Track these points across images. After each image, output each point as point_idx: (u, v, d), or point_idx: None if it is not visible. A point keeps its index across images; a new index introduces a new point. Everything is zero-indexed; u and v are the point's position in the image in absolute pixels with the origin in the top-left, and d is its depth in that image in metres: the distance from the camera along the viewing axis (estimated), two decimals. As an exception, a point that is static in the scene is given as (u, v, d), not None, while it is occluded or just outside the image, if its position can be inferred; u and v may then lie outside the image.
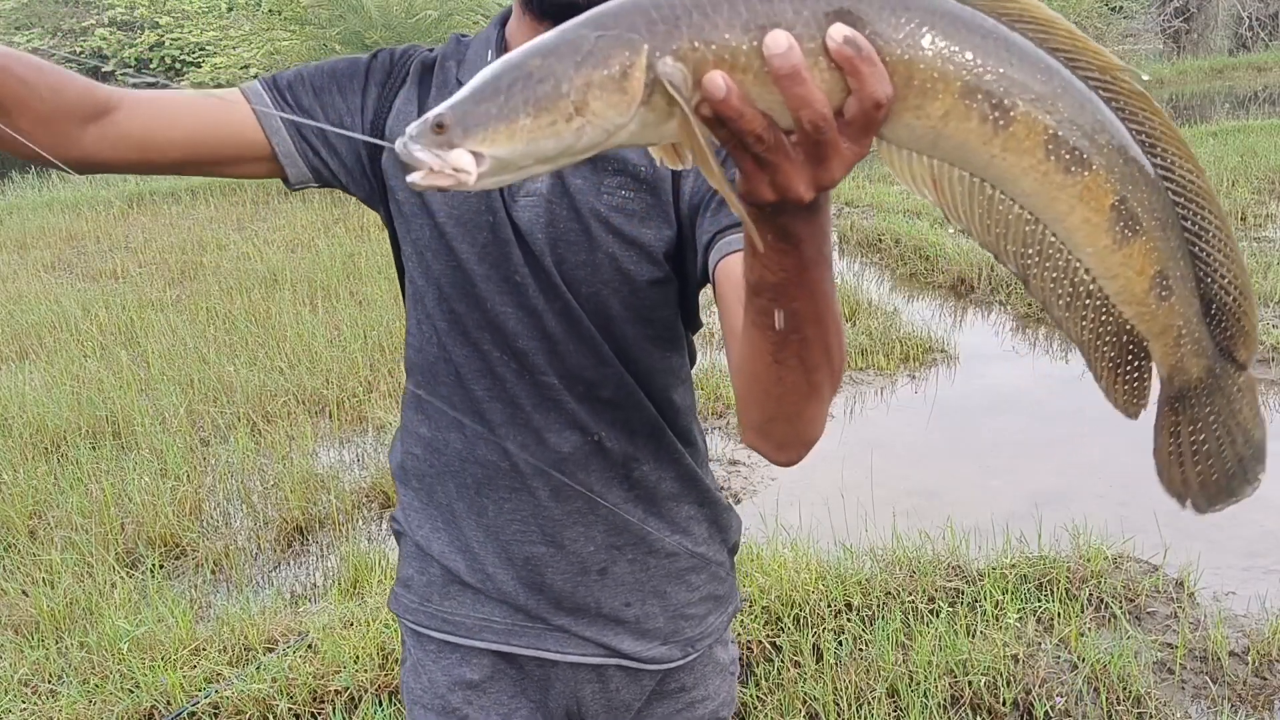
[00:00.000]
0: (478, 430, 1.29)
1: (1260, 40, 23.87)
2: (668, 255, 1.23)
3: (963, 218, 0.73)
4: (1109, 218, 0.73)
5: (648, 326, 1.26)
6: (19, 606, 3.46)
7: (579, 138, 0.67)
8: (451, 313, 1.27)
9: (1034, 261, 0.74)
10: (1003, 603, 3.14)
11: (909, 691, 2.78)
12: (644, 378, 1.29)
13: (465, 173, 0.67)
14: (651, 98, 0.66)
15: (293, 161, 1.25)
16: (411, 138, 0.68)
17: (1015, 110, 0.69)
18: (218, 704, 2.87)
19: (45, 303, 7.53)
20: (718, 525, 1.41)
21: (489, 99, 0.67)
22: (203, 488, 4.44)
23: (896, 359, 5.67)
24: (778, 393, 0.92)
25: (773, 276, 0.78)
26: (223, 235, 9.80)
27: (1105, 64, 0.72)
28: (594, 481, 1.30)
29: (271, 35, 16.55)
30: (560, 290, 1.22)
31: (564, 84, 0.66)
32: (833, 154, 0.68)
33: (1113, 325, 0.77)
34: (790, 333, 0.84)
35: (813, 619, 3.10)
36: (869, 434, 4.85)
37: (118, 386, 5.52)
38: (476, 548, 1.33)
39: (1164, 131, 0.74)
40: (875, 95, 0.65)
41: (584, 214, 1.20)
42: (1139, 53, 23.48)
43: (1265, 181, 9.21)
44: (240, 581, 3.76)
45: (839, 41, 0.65)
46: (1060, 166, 0.70)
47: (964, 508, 3.95)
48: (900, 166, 0.72)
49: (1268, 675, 2.88)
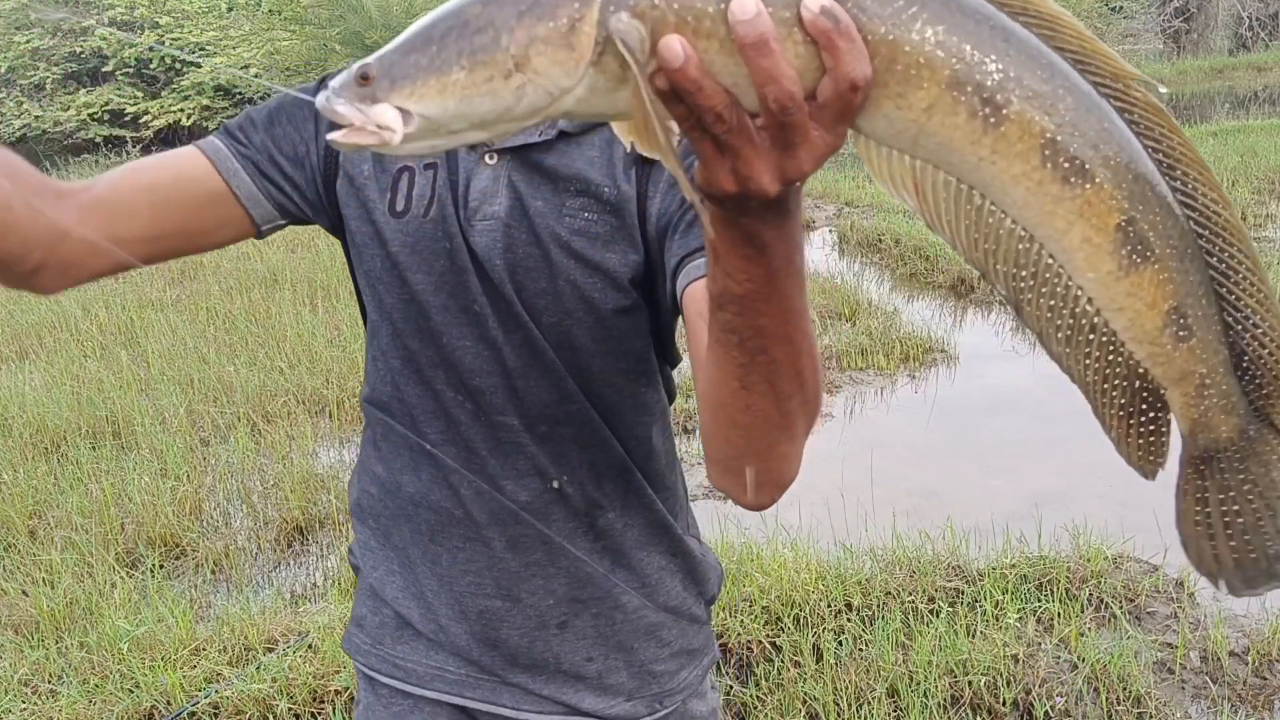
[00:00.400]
0: (431, 475, 1.22)
1: (1260, 40, 23.88)
2: (635, 281, 1.14)
3: (947, 229, 0.65)
4: (1113, 239, 0.64)
5: (617, 359, 1.18)
6: (19, 606, 3.46)
7: (519, 99, 0.60)
8: (405, 350, 1.20)
9: (1027, 285, 0.65)
10: (1003, 603, 3.14)
11: (909, 691, 2.78)
12: (612, 415, 1.21)
13: (390, 131, 0.60)
14: (602, 58, 0.59)
15: (256, 202, 1.17)
16: (334, 90, 0.61)
17: (1009, 108, 0.61)
18: (218, 704, 2.87)
19: (45, 303, 7.52)
20: (693, 578, 1.32)
21: (420, 49, 0.60)
22: (203, 488, 4.44)
23: (896, 359, 5.67)
24: (745, 422, 0.83)
25: (738, 287, 0.71)
26: (223, 235, 9.79)
27: (1118, 70, 0.64)
28: (555, 532, 1.21)
29: (271, 35, 16.57)
30: (521, 320, 1.14)
31: (504, 36, 0.58)
32: (801, 141, 0.60)
33: (1122, 366, 0.68)
34: (758, 353, 0.76)
35: (813, 619, 3.10)
36: (869, 434, 4.85)
37: (118, 386, 5.52)
38: (430, 596, 1.26)
39: (1184, 153, 0.65)
40: (851, 75, 0.58)
41: (544, 238, 1.13)
42: (1139, 53, 23.49)
43: (1265, 181, 9.21)
44: (240, 581, 3.76)
45: (815, 11, 0.57)
46: (1058, 176, 0.62)
47: (964, 508, 3.95)
48: (878, 164, 0.64)
49: (1268, 675, 2.88)
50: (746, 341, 0.75)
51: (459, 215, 1.14)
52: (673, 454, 1.32)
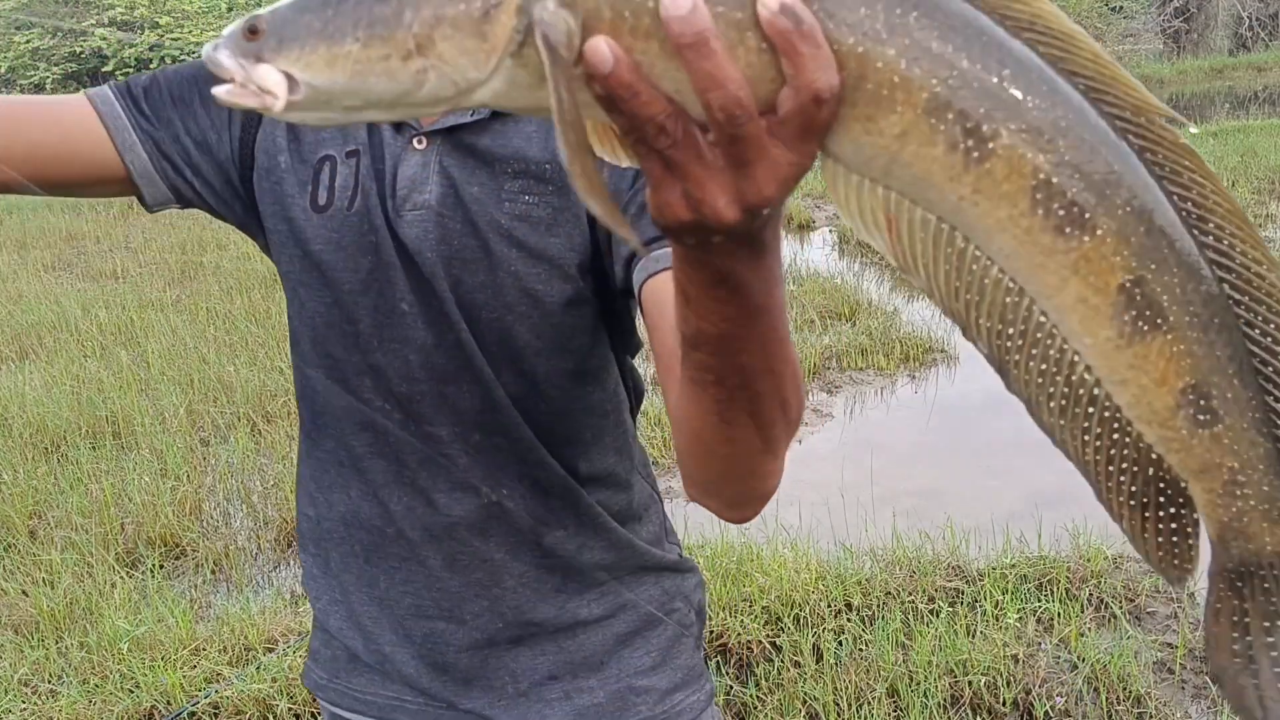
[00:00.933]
0: (361, 492, 1.13)
1: (1260, 40, 23.88)
2: (583, 268, 1.04)
3: (924, 273, 0.55)
4: (1114, 302, 0.54)
5: (563, 358, 1.08)
6: (19, 606, 3.46)
7: (419, 84, 0.53)
8: (328, 357, 1.10)
9: (1015, 345, 0.56)
10: (1003, 603, 3.14)
11: (909, 691, 2.78)
12: (558, 421, 1.10)
13: (271, 95, 0.54)
14: (524, 51, 0.52)
15: (150, 181, 1.08)
16: (221, 40, 0.55)
17: (996, 141, 0.52)
18: (218, 704, 2.87)
19: (45, 303, 7.53)
20: (666, 591, 1.20)
21: (315, 10, 0.54)
22: (203, 488, 4.44)
23: (896, 359, 5.67)
24: (726, 452, 0.77)
25: (712, 328, 0.63)
26: (223, 235, 9.79)
27: (1140, 103, 0.54)
28: (494, 549, 1.11)
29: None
30: (453, 320, 1.04)
31: (408, 11, 0.52)
32: (757, 158, 0.52)
33: (1130, 449, 0.58)
34: (738, 390, 0.69)
35: (813, 619, 3.10)
36: (869, 434, 4.85)
37: (118, 386, 5.52)
38: (369, 625, 1.16)
39: (1218, 202, 0.55)
40: (814, 85, 0.50)
41: (481, 227, 1.03)
42: (1139, 53, 23.49)
43: (1265, 181, 9.21)
44: (240, 581, 3.76)
45: (773, 9, 0.49)
46: (1050, 224, 0.53)
47: (964, 508, 3.94)
48: (845, 194, 0.55)
49: (1268, 675, 2.88)
50: (725, 379, 0.68)
51: (386, 206, 1.05)
52: (634, 459, 1.20)
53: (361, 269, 1.06)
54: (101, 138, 1.05)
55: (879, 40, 0.51)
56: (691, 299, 0.62)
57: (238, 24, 0.55)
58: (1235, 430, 0.57)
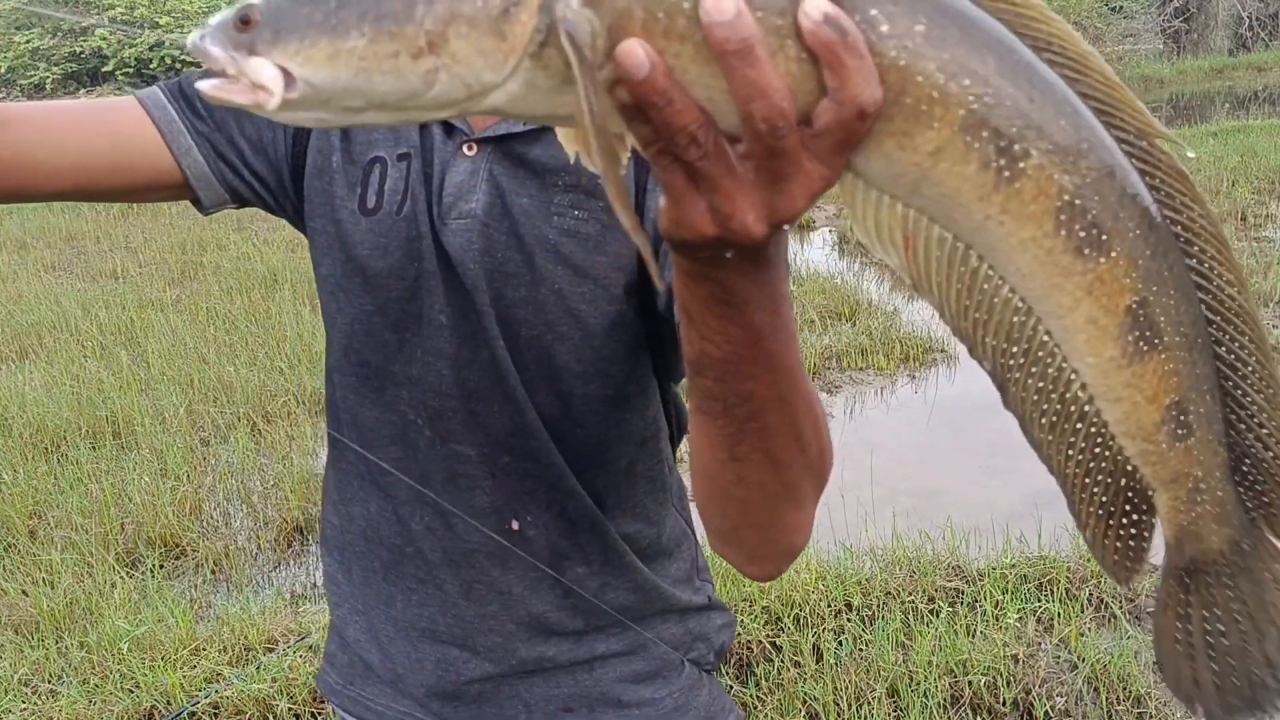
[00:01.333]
0: (381, 508, 1.10)
1: (1260, 40, 23.88)
2: (629, 290, 0.99)
3: (936, 292, 0.55)
4: (1121, 322, 0.56)
5: (603, 382, 1.03)
6: (19, 606, 3.46)
7: (428, 85, 0.49)
8: (363, 365, 1.07)
9: (1017, 364, 0.57)
10: (1003, 603, 3.14)
11: (909, 691, 2.78)
12: (592, 449, 1.05)
13: (265, 92, 0.49)
14: (544, 51, 0.49)
15: (207, 185, 1.05)
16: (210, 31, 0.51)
17: (1027, 161, 0.52)
18: (218, 704, 2.87)
19: (45, 303, 7.52)
20: (690, 631, 1.16)
21: (315, 1, 0.49)
22: (203, 488, 4.44)
23: (896, 359, 5.67)
24: (740, 495, 0.72)
25: (716, 350, 0.61)
26: (223, 235, 9.79)
27: (1144, 126, 0.55)
28: (513, 582, 1.07)
29: (271, 35, 16.55)
30: (490, 336, 1.00)
31: (420, 4, 0.48)
32: (794, 172, 0.50)
33: (1109, 462, 0.60)
34: (747, 420, 0.65)
35: (813, 619, 3.10)
36: (869, 434, 4.85)
37: (118, 386, 5.52)
38: (385, 640, 1.14)
39: (1204, 226, 0.57)
40: (860, 99, 0.48)
41: (527, 241, 0.99)
42: (1139, 53, 23.49)
43: (1265, 181, 9.20)
44: (240, 581, 3.76)
45: (816, 20, 0.47)
46: (1071, 245, 0.54)
47: (964, 508, 3.94)
48: (864, 211, 0.54)
49: (1268, 675, 2.88)
50: (733, 409, 0.65)
51: (432, 213, 1.01)
52: (669, 490, 1.15)
53: (407, 276, 1.03)
54: (156, 143, 1.02)
55: (920, 54, 0.50)
56: (694, 318, 0.60)
57: (228, 12, 0.51)
58: (1203, 442, 0.60)
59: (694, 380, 0.65)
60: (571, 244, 0.99)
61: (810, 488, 0.74)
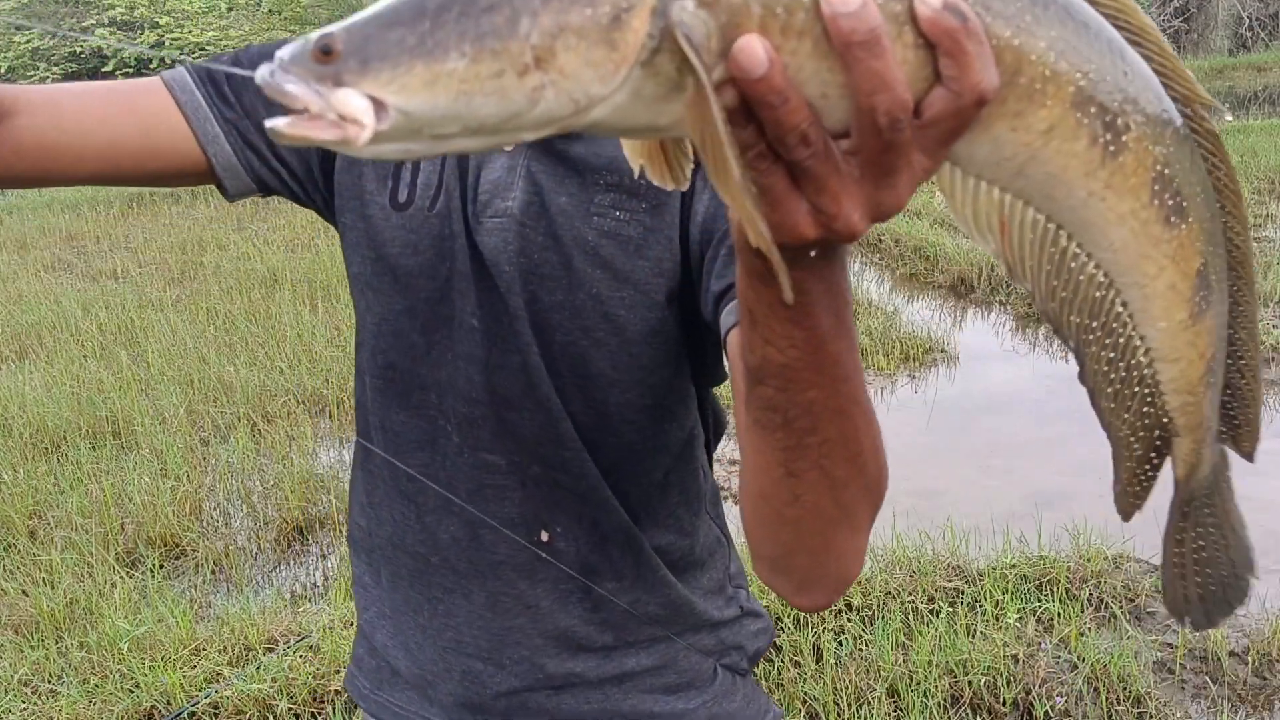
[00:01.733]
0: (405, 515, 1.07)
1: (1260, 40, 23.88)
2: (670, 296, 0.95)
3: (1029, 274, 0.56)
4: (1194, 284, 0.58)
5: (640, 392, 0.99)
6: (19, 606, 3.46)
7: (533, 103, 0.46)
8: (390, 368, 1.04)
9: (1095, 338, 0.58)
10: (1003, 603, 3.14)
11: (909, 691, 2.78)
12: (627, 458, 1.02)
13: (357, 126, 0.46)
14: (655, 58, 0.46)
15: (234, 174, 1.01)
16: (284, 63, 0.47)
17: (1128, 135, 0.52)
18: (218, 704, 2.87)
19: (45, 303, 7.52)
20: (722, 640, 1.13)
21: (406, 23, 0.46)
22: (203, 488, 4.44)
23: (896, 359, 5.67)
24: (794, 516, 0.69)
25: (780, 355, 0.59)
26: (223, 235, 9.80)
27: (1190, 92, 0.57)
28: (541, 595, 1.04)
29: (271, 35, 16.58)
30: (522, 341, 0.97)
31: (524, 19, 0.45)
32: (903, 165, 0.48)
33: (1152, 419, 0.63)
34: (806, 434, 0.63)
35: (812, 619, 3.10)
36: (869, 434, 4.84)
37: (118, 386, 5.52)
38: (415, 649, 1.11)
39: (1227, 183, 0.60)
40: (980, 86, 0.47)
41: (565, 242, 0.95)
42: (1139, 53, 23.48)
43: (1265, 181, 9.21)
44: (240, 581, 3.76)
45: (935, 7, 0.46)
46: (1162, 215, 0.55)
47: (964, 508, 3.94)
48: (963, 200, 0.53)
49: (1268, 675, 2.88)
50: (793, 421, 0.63)
51: (466, 210, 0.98)
52: (704, 498, 1.11)
53: (438, 276, 0.99)
54: (182, 129, 0.98)
55: (1031, 33, 0.49)
56: (759, 320, 0.58)
57: (301, 45, 0.47)
58: (1218, 385, 0.64)
59: (753, 391, 0.63)
60: (611, 246, 0.94)
61: (866, 511, 0.71)
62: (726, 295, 0.89)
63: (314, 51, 0.46)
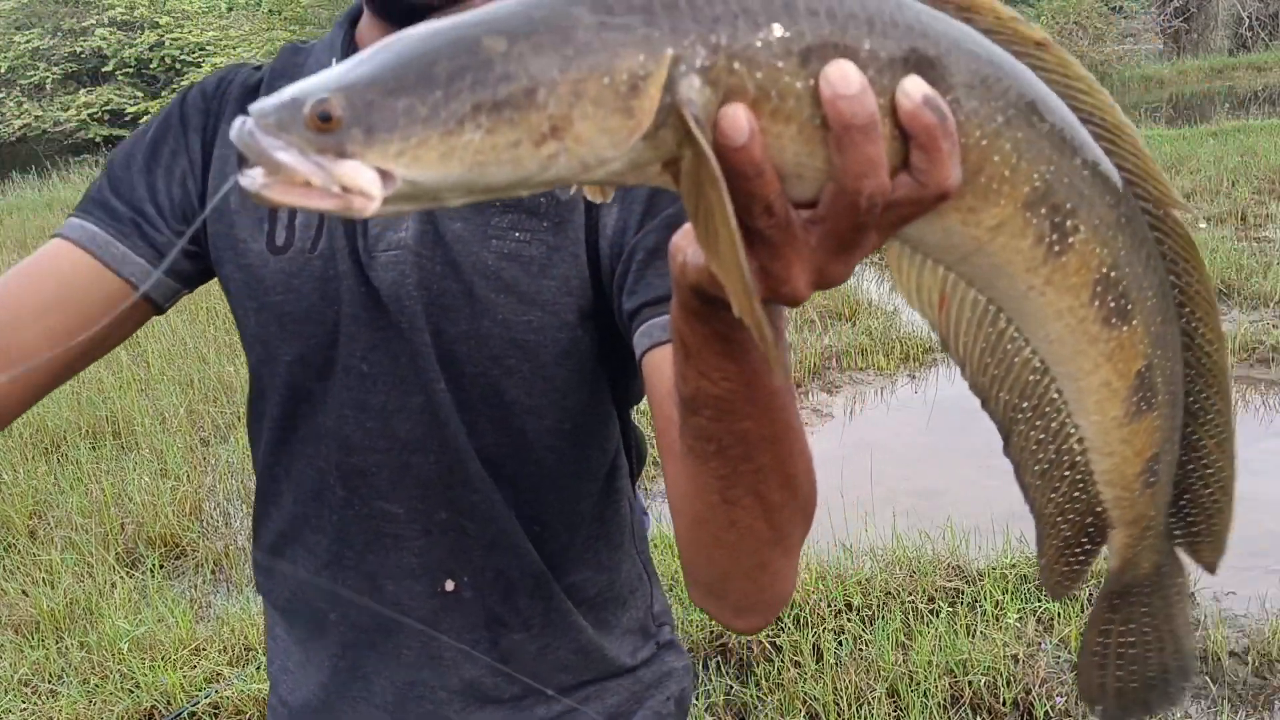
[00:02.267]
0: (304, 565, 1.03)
1: (1260, 40, 23.89)
2: (582, 314, 0.92)
3: (962, 349, 0.57)
4: (1131, 385, 0.58)
5: (559, 416, 0.95)
6: (19, 606, 3.46)
7: (544, 169, 0.45)
8: (285, 418, 0.99)
9: (1024, 418, 0.59)
10: (1003, 603, 3.14)
11: (909, 691, 2.78)
12: (544, 491, 0.98)
13: (364, 198, 0.43)
14: (659, 132, 0.45)
15: (155, 282, 0.97)
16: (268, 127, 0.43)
17: (1075, 236, 0.53)
18: (218, 704, 2.87)
19: (45, 303, 7.52)
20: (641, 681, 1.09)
21: (415, 89, 0.43)
22: (203, 488, 4.44)
23: (896, 359, 5.67)
24: (731, 540, 0.69)
25: (714, 387, 0.58)
26: (223, 235, 9.80)
27: (1163, 195, 0.57)
28: (444, 648, 0.99)
29: (271, 35, 16.59)
30: (427, 379, 0.92)
31: (541, 88, 0.43)
32: (864, 242, 0.49)
33: (1083, 505, 0.63)
34: (741, 461, 0.63)
35: (813, 619, 3.10)
36: (869, 434, 4.85)
37: (118, 386, 5.52)
38: (321, 703, 1.06)
39: (1199, 290, 0.60)
40: (946, 182, 0.47)
41: (465, 269, 0.91)
42: (1139, 53, 23.50)
43: (1265, 181, 9.20)
44: (240, 581, 3.76)
45: (916, 101, 0.46)
46: (1101, 315, 0.55)
47: (964, 508, 3.94)
48: (908, 274, 0.55)
49: (1268, 675, 2.88)
50: (727, 450, 0.63)
51: (357, 246, 0.92)
52: (626, 531, 1.07)
53: (325, 320, 0.94)
54: (95, 270, 0.94)
55: (999, 135, 0.50)
56: (693, 354, 0.57)
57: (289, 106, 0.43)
58: (1163, 487, 0.64)
59: (687, 421, 0.62)
60: (514, 269, 0.91)
61: (799, 532, 0.71)
62: (640, 314, 0.86)
63: (310, 118, 0.43)
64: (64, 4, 22.15)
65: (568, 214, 0.91)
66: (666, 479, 0.79)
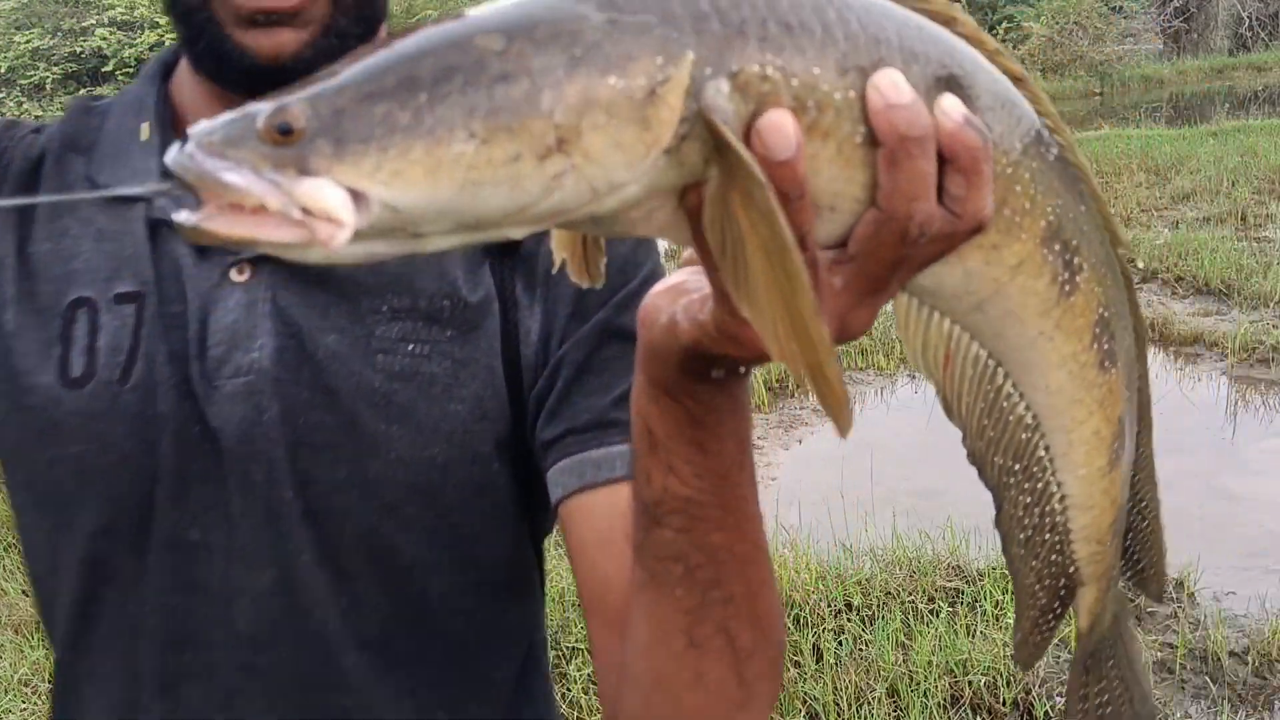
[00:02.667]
0: None
1: (1260, 40, 23.89)
2: (500, 443, 0.74)
3: (964, 411, 0.54)
4: (1115, 431, 0.56)
5: (470, 570, 0.76)
6: (19, 606, 3.46)
7: (547, 194, 0.38)
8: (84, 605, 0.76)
9: (1014, 481, 0.57)
10: (1003, 603, 3.14)
11: (909, 691, 2.78)
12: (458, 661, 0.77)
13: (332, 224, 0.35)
14: (683, 145, 0.39)
15: None
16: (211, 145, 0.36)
17: (1080, 275, 0.50)
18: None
19: (45, 303, 7.52)
20: None
21: (392, 93, 0.36)
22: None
23: (896, 359, 5.67)
24: (695, 705, 0.59)
25: (682, 487, 0.51)
26: (223, 235, 9.79)
27: (1115, 235, 0.55)
28: None
29: (271, 35, 16.58)
30: (285, 550, 0.71)
31: (545, 93, 0.37)
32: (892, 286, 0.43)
33: (1059, 567, 0.61)
34: (710, 588, 0.55)
35: (813, 619, 3.10)
36: (869, 434, 4.85)
37: (118, 386, 5.52)
38: None
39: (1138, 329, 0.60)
40: (981, 212, 0.42)
41: (343, 396, 0.71)
42: (1139, 53, 23.51)
43: (1265, 181, 9.20)
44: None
45: (958, 120, 0.41)
46: (1098, 359, 0.53)
47: (964, 508, 3.94)
48: (916, 328, 0.51)
49: (1268, 675, 2.88)
50: (695, 570, 0.54)
51: (190, 374, 0.70)
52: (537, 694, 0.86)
53: (142, 476, 0.71)
54: None
55: (1019, 162, 0.46)
56: (660, 445, 0.51)
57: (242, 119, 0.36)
58: (1122, 535, 0.63)
59: (650, 536, 0.54)
60: (409, 391, 0.72)
61: (767, 692, 0.61)
62: (562, 443, 0.71)
63: (265, 129, 0.36)
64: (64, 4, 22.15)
65: (478, 318, 0.73)
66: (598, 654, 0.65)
